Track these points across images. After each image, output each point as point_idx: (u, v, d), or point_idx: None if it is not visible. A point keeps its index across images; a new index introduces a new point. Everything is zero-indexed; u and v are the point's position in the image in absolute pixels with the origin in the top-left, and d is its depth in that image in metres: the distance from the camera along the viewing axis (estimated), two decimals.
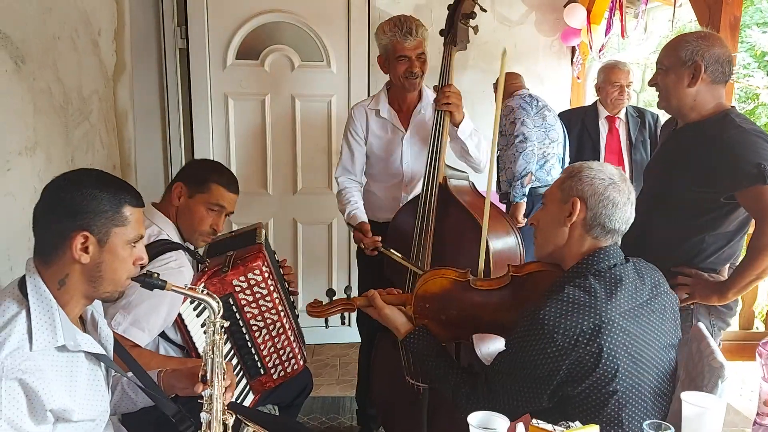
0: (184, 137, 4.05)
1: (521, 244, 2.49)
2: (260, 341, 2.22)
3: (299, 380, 2.45)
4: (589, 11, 4.20)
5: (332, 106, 4.01)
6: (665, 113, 2.31)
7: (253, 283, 2.14)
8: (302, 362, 2.35)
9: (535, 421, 1.44)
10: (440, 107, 2.48)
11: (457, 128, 2.54)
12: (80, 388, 1.48)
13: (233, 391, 1.67)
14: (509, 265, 1.85)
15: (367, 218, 2.76)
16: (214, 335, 1.57)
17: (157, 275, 1.53)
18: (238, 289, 2.13)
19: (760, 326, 3.99)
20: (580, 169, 1.70)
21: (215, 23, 3.83)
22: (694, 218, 2.11)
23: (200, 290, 1.56)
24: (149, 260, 1.94)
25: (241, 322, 2.18)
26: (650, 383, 1.62)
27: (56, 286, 1.45)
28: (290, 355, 2.29)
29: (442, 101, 2.47)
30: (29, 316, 1.40)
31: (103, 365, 1.57)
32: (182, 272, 2.01)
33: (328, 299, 1.99)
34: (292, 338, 2.28)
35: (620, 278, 1.63)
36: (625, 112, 3.75)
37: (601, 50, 4.27)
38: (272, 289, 2.18)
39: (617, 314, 1.57)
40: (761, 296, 4.63)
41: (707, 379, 1.59)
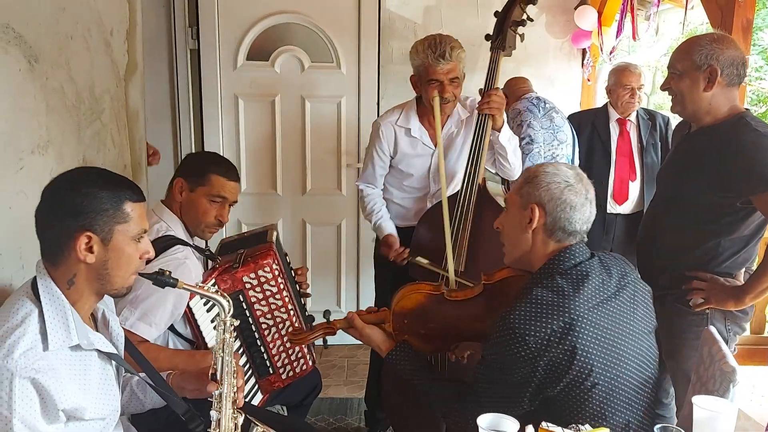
0: (194, 137, 4.07)
1: None
2: (269, 339, 2.23)
3: (308, 381, 2.45)
4: (600, 13, 4.19)
5: (342, 107, 4.01)
6: (676, 116, 2.29)
7: (263, 280, 2.15)
8: (311, 363, 2.35)
9: (545, 423, 1.44)
10: (483, 111, 2.45)
11: (498, 132, 2.52)
12: (92, 386, 1.49)
13: (242, 391, 1.68)
14: (482, 273, 1.86)
15: (394, 228, 2.74)
16: (224, 333, 1.57)
17: (168, 273, 1.53)
18: (248, 285, 2.14)
19: None
20: (536, 173, 1.70)
21: (226, 24, 3.84)
22: (709, 222, 2.08)
23: (211, 289, 1.56)
24: (156, 255, 1.95)
25: (250, 319, 2.18)
26: (631, 373, 1.62)
27: (66, 286, 1.46)
28: (299, 354, 2.29)
29: (485, 105, 2.44)
30: (42, 316, 1.40)
31: (114, 364, 1.58)
32: (187, 265, 2.01)
33: (325, 319, 1.99)
34: None
35: (586, 274, 1.64)
36: (636, 114, 3.72)
37: (611, 52, 4.25)
38: (282, 287, 2.18)
39: (586, 309, 1.58)
40: None
41: (718, 383, 1.59)
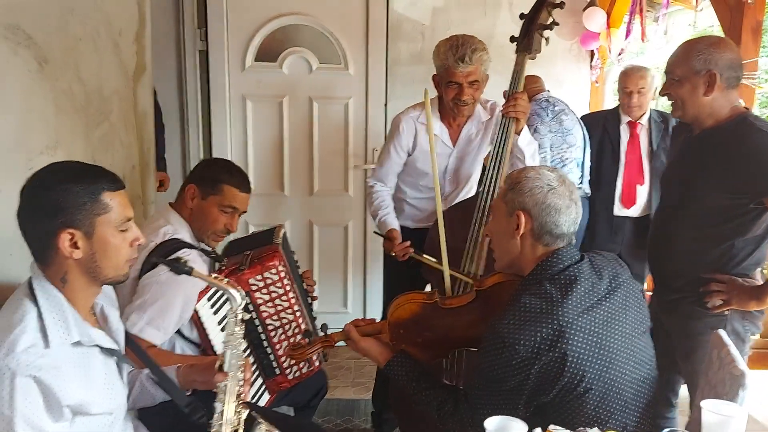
0: (202, 138, 4.08)
1: None
2: (275, 340, 2.23)
3: (314, 382, 2.45)
4: (608, 15, 4.18)
5: (350, 108, 4.01)
6: None
7: (269, 282, 2.14)
8: (318, 363, 2.36)
9: (552, 427, 1.43)
10: (509, 114, 2.42)
11: (518, 136, 2.50)
12: (97, 381, 1.49)
13: (249, 385, 1.68)
14: (474, 280, 1.85)
15: (398, 224, 2.73)
16: (234, 326, 1.56)
17: (185, 261, 1.52)
18: (254, 287, 2.14)
19: None
20: (518, 179, 1.70)
21: (234, 25, 3.85)
22: (722, 224, 2.08)
23: (224, 281, 1.56)
24: (163, 258, 1.95)
25: (257, 321, 2.18)
26: (625, 375, 1.61)
27: (60, 284, 1.45)
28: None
29: (511, 108, 2.42)
30: (41, 315, 1.40)
31: (115, 359, 1.58)
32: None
33: (307, 339, 1.99)
34: (307, 339, 2.27)
35: (575, 278, 1.62)
36: (648, 117, 3.66)
37: (620, 54, 4.24)
38: (288, 288, 2.18)
39: (575, 315, 1.56)
40: None
41: (728, 387, 1.58)
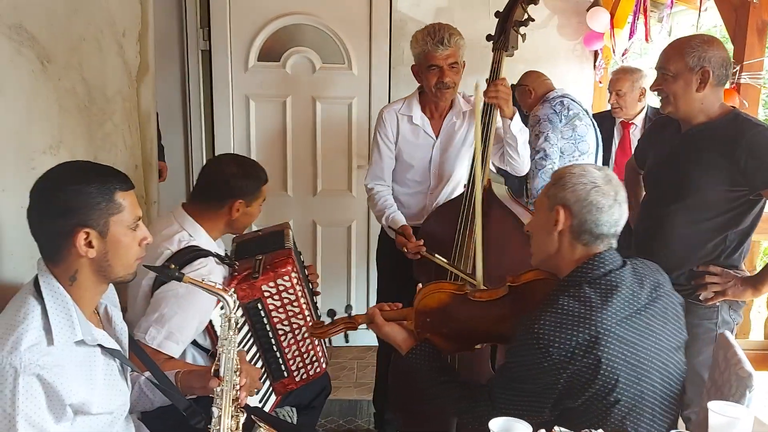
0: (205, 138, 4.08)
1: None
2: (285, 345, 2.22)
3: (317, 382, 2.45)
4: (612, 15, 4.17)
5: (353, 108, 4.00)
6: None
7: (282, 288, 2.14)
8: (324, 365, 2.36)
9: (557, 428, 1.42)
10: (490, 100, 2.44)
11: (510, 120, 2.51)
12: (98, 381, 1.49)
13: (248, 391, 1.67)
14: (507, 276, 1.84)
15: (406, 221, 2.73)
16: (228, 330, 1.57)
17: (175, 267, 1.53)
18: (267, 294, 2.13)
19: None
20: (562, 174, 1.68)
21: (237, 25, 3.85)
22: (716, 217, 2.14)
23: (216, 285, 1.57)
24: (180, 268, 1.94)
25: (268, 326, 2.18)
26: (655, 389, 1.58)
27: (68, 282, 1.46)
28: (313, 358, 2.29)
29: (492, 94, 2.43)
30: (45, 313, 1.41)
31: (117, 359, 1.58)
32: (211, 279, 2.00)
33: (330, 319, 1.98)
34: (316, 342, 2.29)
35: (616, 285, 1.59)
36: (643, 117, 3.67)
37: (624, 54, 4.23)
38: (300, 294, 2.18)
39: (613, 323, 1.53)
40: None
41: (734, 388, 1.57)
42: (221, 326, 1.59)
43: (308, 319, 2.22)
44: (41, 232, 1.47)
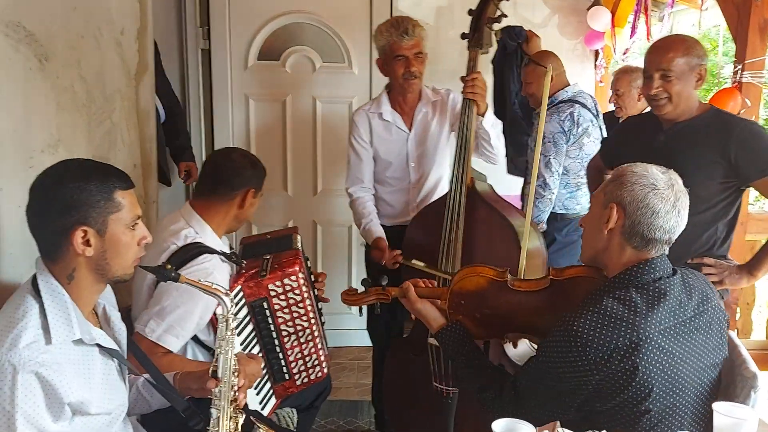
0: (204, 137, 4.06)
1: (544, 245, 2.54)
2: (288, 346, 2.21)
3: (318, 383, 2.42)
4: (613, 14, 4.16)
5: (353, 107, 3.97)
6: None
7: (288, 289, 2.12)
8: (326, 370, 2.33)
9: (561, 430, 1.41)
10: (467, 95, 2.45)
11: (482, 117, 2.51)
12: (96, 381, 1.48)
13: (246, 391, 1.66)
14: (549, 267, 1.80)
15: (383, 231, 2.73)
16: (226, 331, 1.56)
17: (171, 267, 1.52)
18: (273, 293, 2.12)
19: None
20: (623, 172, 1.61)
21: (237, 24, 3.83)
22: (709, 209, 2.20)
23: (213, 285, 1.55)
24: (184, 263, 1.93)
25: (272, 326, 2.16)
26: (688, 404, 1.53)
27: (66, 281, 1.45)
28: (316, 362, 2.27)
29: (468, 89, 2.44)
30: (43, 312, 1.40)
31: (116, 359, 1.57)
32: (214, 276, 1.98)
33: (363, 288, 1.97)
34: (319, 345, 2.26)
35: (664, 292, 1.52)
36: None
37: (625, 54, 4.22)
38: (306, 296, 2.16)
39: (657, 332, 1.48)
40: None
41: (739, 389, 1.55)
42: (219, 326, 1.58)
43: (312, 322, 2.20)
44: (40, 229, 1.46)
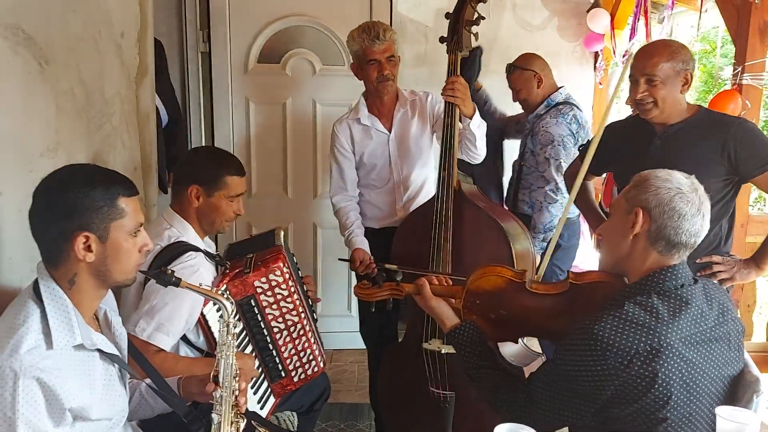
0: (205, 140, 4.06)
1: (533, 246, 2.55)
2: (281, 343, 2.21)
3: (317, 386, 2.44)
4: (612, 16, 4.16)
5: None
6: None
7: (274, 284, 2.13)
8: (322, 364, 2.34)
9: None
10: (447, 99, 2.46)
11: (470, 120, 2.51)
12: (97, 386, 1.48)
13: (246, 394, 1.66)
14: (569, 271, 1.79)
15: (364, 242, 2.75)
16: (227, 335, 1.57)
17: (172, 272, 1.52)
18: (259, 290, 2.12)
19: None
20: (646, 177, 1.60)
21: (237, 27, 3.83)
22: (712, 208, 2.15)
23: (214, 289, 1.56)
24: (169, 262, 1.94)
25: (262, 324, 2.16)
26: (704, 414, 1.50)
27: (67, 286, 1.45)
28: (310, 357, 2.28)
29: (448, 93, 2.45)
30: (45, 317, 1.40)
31: (116, 365, 1.57)
32: (201, 272, 2.01)
33: (377, 283, 1.96)
34: (312, 340, 2.26)
35: (687, 300, 1.52)
36: None
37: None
38: (293, 290, 2.17)
39: (678, 339, 1.46)
40: None
41: (741, 393, 1.54)
42: (219, 331, 1.58)
43: (303, 317, 2.21)
44: (42, 233, 1.46)
